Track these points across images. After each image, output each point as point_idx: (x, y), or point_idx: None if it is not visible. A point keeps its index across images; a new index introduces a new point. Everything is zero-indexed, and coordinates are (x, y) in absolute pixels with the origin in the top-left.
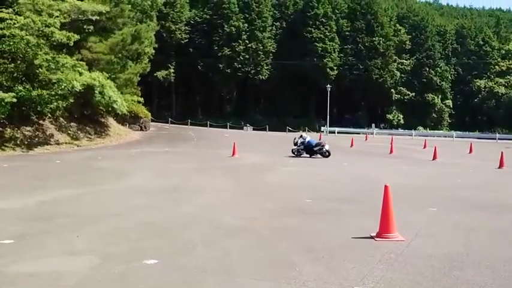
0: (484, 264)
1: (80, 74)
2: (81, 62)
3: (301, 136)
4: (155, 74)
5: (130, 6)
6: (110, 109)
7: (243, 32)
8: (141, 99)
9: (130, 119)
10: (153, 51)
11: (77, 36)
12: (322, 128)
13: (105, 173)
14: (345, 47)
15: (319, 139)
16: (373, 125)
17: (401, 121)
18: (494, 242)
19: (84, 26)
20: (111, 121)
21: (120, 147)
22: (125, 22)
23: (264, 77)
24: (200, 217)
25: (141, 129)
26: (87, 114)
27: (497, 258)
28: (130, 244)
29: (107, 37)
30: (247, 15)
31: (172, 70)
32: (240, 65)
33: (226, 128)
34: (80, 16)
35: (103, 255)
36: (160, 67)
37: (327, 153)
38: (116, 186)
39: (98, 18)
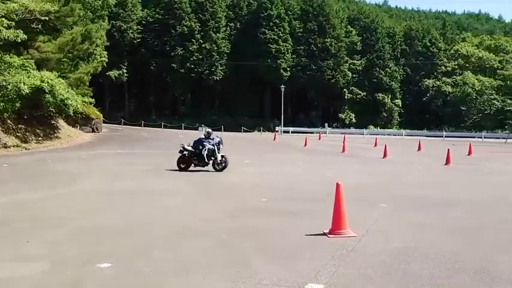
0: (431, 257)
1: (28, 75)
2: (29, 61)
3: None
4: (107, 74)
5: (80, 5)
6: (61, 110)
7: (196, 32)
8: (93, 100)
9: (81, 121)
10: (105, 51)
11: (24, 36)
12: (277, 128)
13: (56, 177)
14: (298, 48)
15: (274, 139)
16: (326, 124)
17: (353, 120)
18: (441, 237)
19: (33, 25)
20: (61, 123)
21: (71, 149)
22: (75, 21)
23: (218, 78)
24: (156, 219)
25: (93, 131)
26: (36, 115)
27: (443, 251)
28: (84, 248)
29: (56, 37)
30: (200, 16)
31: (124, 70)
32: (193, 65)
33: (181, 128)
34: (27, 16)
35: (55, 260)
36: (112, 67)
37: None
38: (68, 189)
39: (46, 17)
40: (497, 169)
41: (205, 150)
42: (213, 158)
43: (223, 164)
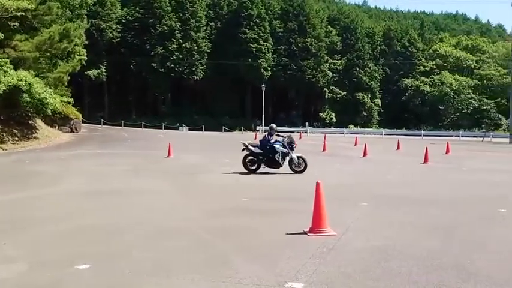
0: (410, 255)
1: (5, 74)
2: (5, 60)
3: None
4: (86, 73)
5: (58, 3)
6: (38, 109)
7: (177, 32)
8: (71, 100)
9: (59, 121)
10: (84, 50)
11: (1, 35)
12: (258, 128)
13: (34, 178)
14: (279, 47)
15: (255, 138)
16: (307, 123)
17: (334, 119)
18: (420, 235)
19: (9, 23)
20: (39, 123)
21: (49, 150)
22: (53, 20)
23: (199, 77)
24: (136, 220)
25: (72, 131)
26: (13, 115)
27: (422, 249)
28: (62, 249)
29: (34, 35)
30: (180, 15)
31: (104, 69)
32: (174, 65)
33: (162, 128)
34: (4, 14)
35: (34, 261)
36: (91, 66)
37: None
38: (47, 190)
39: (23, 15)
40: (475, 167)
41: (278, 155)
42: (287, 159)
43: (302, 166)
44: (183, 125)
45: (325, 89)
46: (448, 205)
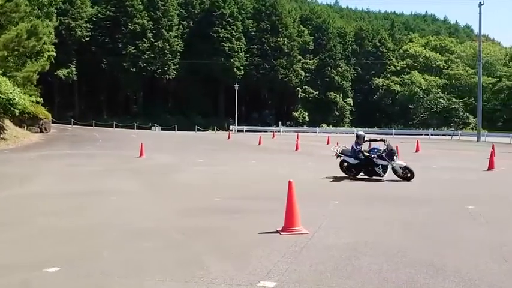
0: (380, 251)
1: None
2: None
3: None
4: (56, 73)
5: (26, 1)
6: (6, 109)
7: (149, 31)
8: (41, 100)
9: (28, 121)
10: (53, 48)
11: None
12: (231, 127)
13: (2, 179)
14: (251, 47)
15: (228, 138)
16: (280, 123)
17: (307, 118)
18: (390, 232)
19: None
20: (7, 123)
21: (18, 150)
22: (21, 17)
23: (171, 77)
24: (107, 221)
25: (41, 131)
26: None
27: (392, 246)
28: (30, 253)
29: (1, 33)
30: (152, 13)
31: (73, 69)
32: (145, 64)
33: (134, 128)
34: None
35: (0, 265)
36: (61, 65)
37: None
38: (15, 192)
39: None
40: (444, 165)
41: (379, 169)
42: (389, 169)
43: (409, 175)
44: (156, 124)
45: (297, 88)
46: (418, 202)
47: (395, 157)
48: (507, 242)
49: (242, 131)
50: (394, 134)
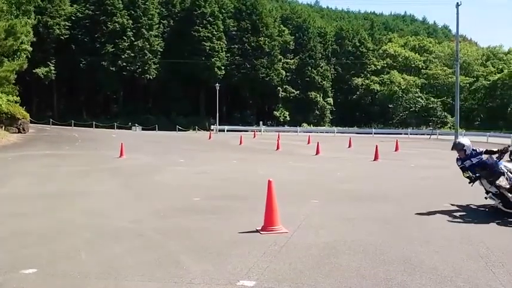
0: (359, 250)
1: None
2: None
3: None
4: (34, 71)
5: None
6: None
7: (129, 30)
8: (18, 99)
9: (6, 121)
10: (31, 47)
11: None
12: (212, 127)
13: None
14: (232, 46)
15: (209, 138)
16: (261, 122)
17: (288, 118)
18: (369, 230)
19: None
20: None
21: None
22: None
23: (151, 76)
24: (84, 222)
25: (19, 132)
26: None
27: (370, 244)
28: (5, 254)
29: None
30: (132, 12)
31: (52, 67)
32: (125, 63)
33: (114, 128)
34: None
35: None
36: (39, 64)
37: None
38: None
39: None
40: (422, 164)
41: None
42: None
43: None
44: (136, 124)
45: (278, 87)
46: (397, 201)
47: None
48: (484, 239)
49: (223, 130)
50: (374, 133)
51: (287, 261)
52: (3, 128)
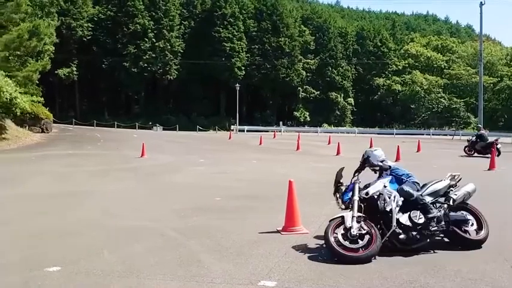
0: (380, 251)
1: None
2: None
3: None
4: (56, 72)
5: (27, 1)
6: (8, 110)
7: (149, 31)
8: (42, 99)
9: (30, 121)
10: (54, 48)
11: None
12: (232, 127)
13: (1, 178)
14: (252, 47)
15: (229, 138)
16: (281, 122)
17: (308, 118)
18: None
19: None
20: (8, 123)
21: (19, 150)
22: (22, 18)
23: (172, 77)
24: (106, 221)
25: (43, 131)
26: None
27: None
28: (28, 252)
29: (2, 34)
30: (153, 14)
31: (74, 68)
32: (146, 64)
33: (135, 128)
34: None
35: (0, 265)
36: (61, 65)
37: None
38: (12, 192)
39: None
40: (445, 165)
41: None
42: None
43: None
44: (157, 124)
45: (299, 88)
46: None
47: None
48: (508, 242)
49: (243, 130)
50: (396, 134)
51: (308, 261)
52: (27, 127)
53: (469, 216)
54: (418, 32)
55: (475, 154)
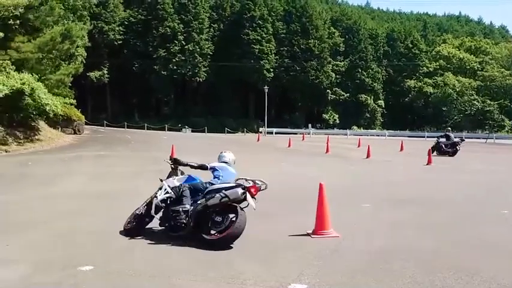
0: (412, 255)
1: (7, 76)
2: (7, 61)
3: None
4: (88, 75)
5: (60, 4)
6: (41, 111)
7: (179, 34)
8: (74, 102)
9: (62, 122)
10: (86, 51)
11: (0, 34)
12: (261, 129)
13: (35, 179)
14: (281, 49)
15: (257, 140)
16: (310, 125)
17: (337, 121)
18: (422, 235)
19: (10, 22)
20: (42, 125)
21: (52, 151)
22: (55, 21)
23: (201, 79)
24: None
25: (75, 133)
26: (16, 118)
27: (424, 250)
28: (62, 251)
29: (36, 37)
30: (183, 17)
31: (106, 71)
32: (176, 67)
33: (165, 130)
34: (4, 13)
35: (35, 263)
36: (93, 68)
37: None
38: (46, 192)
39: (25, 15)
40: (478, 169)
41: None
42: None
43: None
44: (186, 126)
45: (328, 90)
46: (451, 206)
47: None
48: None
49: (272, 133)
50: (427, 137)
51: (339, 265)
52: (60, 129)
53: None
54: (451, 33)
55: (436, 153)
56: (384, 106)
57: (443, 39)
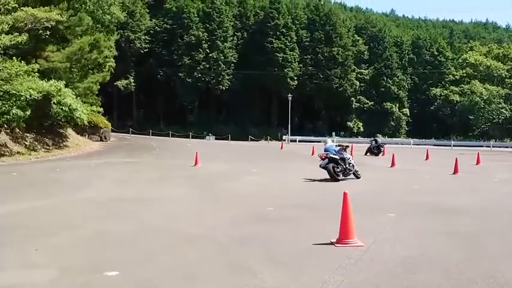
0: (438, 266)
1: (35, 82)
2: (34, 68)
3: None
4: (115, 84)
5: (89, 17)
6: (69, 119)
7: (204, 42)
8: (101, 109)
9: (89, 130)
10: (113, 60)
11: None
12: (284, 137)
13: (63, 185)
14: (305, 57)
15: (281, 148)
16: (334, 133)
17: (361, 129)
18: (448, 245)
19: (40, 33)
20: (70, 132)
21: (79, 158)
22: (83, 31)
23: (225, 87)
24: (161, 227)
25: (101, 140)
26: (45, 124)
27: (450, 260)
28: (89, 256)
29: (65, 46)
30: (207, 25)
31: (132, 79)
32: (200, 75)
33: (189, 137)
34: (37, 25)
35: (62, 267)
36: (120, 77)
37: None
38: (74, 197)
39: (55, 26)
40: (506, 178)
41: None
42: None
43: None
44: (210, 134)
45: (352, 98)
46: (478, 216)
47: None
48: None
49: (295, 141)
50: (453, 146)
51: (363, 275)
52: (87, 136)
53: None
54: (478, 41)
55: (368, 154)
56: (409, 114)
57: (470, 46)
